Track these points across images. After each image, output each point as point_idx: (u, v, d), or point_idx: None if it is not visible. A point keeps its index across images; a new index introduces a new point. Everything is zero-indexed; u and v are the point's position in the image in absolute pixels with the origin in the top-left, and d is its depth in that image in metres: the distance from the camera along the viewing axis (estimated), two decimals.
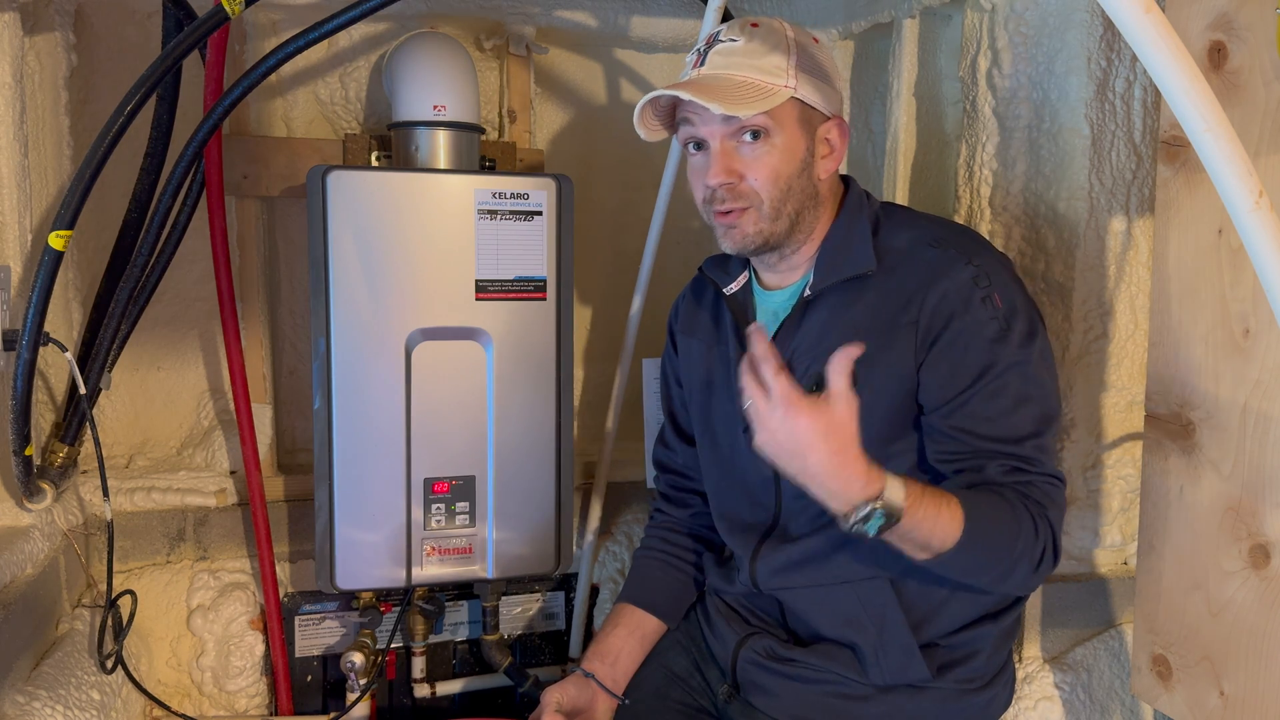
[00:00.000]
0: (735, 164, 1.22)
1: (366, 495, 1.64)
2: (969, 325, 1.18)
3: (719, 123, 1.21)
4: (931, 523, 1.07)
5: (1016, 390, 1.18)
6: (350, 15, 1.45)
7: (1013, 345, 1.18)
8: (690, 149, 1.27)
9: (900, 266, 1.24)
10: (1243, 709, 1.19)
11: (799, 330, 1.28)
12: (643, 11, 1.97)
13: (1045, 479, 1.18)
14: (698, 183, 1.27)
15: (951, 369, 1.19)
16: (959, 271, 1.20)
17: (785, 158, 1.23)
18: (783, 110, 1.22)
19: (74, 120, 1.75)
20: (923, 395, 1.22)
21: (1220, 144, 0.72)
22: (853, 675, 1.28)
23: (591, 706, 1.35)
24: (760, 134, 1.21)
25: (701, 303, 1.45)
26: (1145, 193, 1.56)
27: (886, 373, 1.22)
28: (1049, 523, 1.16)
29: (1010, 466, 1.18)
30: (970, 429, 1.18)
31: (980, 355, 1.18)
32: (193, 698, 1.84)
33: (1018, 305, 1.21)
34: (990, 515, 1.12)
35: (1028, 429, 1.18)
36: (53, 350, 1.50)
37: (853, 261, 1.26)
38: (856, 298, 1.25)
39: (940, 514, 1.08)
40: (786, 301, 1.32)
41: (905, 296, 1.22)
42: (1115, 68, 1.51)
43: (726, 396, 1.37)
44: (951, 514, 1.09)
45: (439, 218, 1.63)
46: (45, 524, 1.57)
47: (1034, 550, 1.15)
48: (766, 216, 1.23)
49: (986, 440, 1.18)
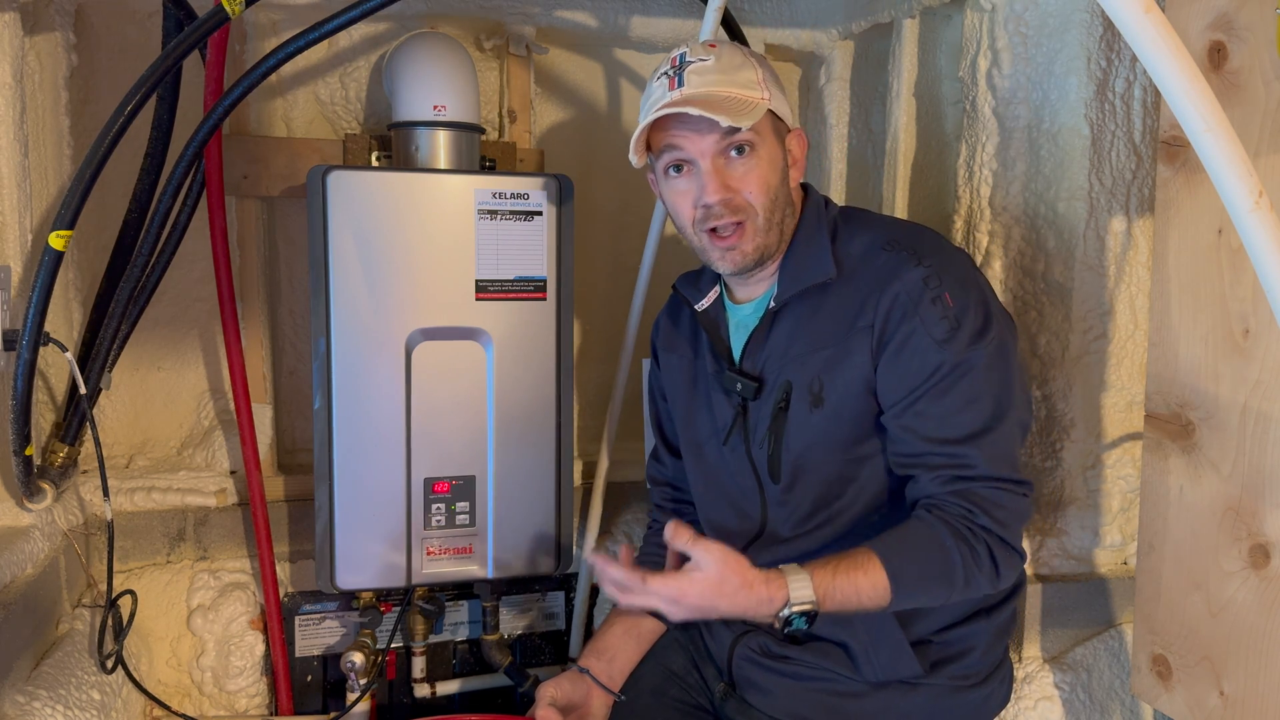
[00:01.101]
0: (728, 179, 1.23)
1: (366, 495, 1.64)
2: (918, 326, 1.19)
3: (710, 140, 1.22)
4: (853, 593, 1.14)
5: (965, 389, 1.19)
6: (350, 15, 1.45)
7: (961, 345, 1.18)
8: (671, 172, 1.27)
9: (857, 271, 1.26)
10: (1243, 709, 1.19)
11: (767, 341, 1.30)
12: (643, 11, 1.97)
13: (985, 483, 1.18)
14: (684, 204, 1.27)
15: (903, 370, 1.20)
16: (909, 272, 1.21)
17: (770, 168, 1.25)
18: (762, 123, 1.24)
19: (74, 120, 1.75)
20: (880, 398, 1.23)
21: (1220, 144, 0.72)
22: (846, 672, 1.28)
23: (587, 702, 1.36)
24: (745, 148, 1.23)
25: (678, 320, 1.48)
26: (1145, 193, 1.56)
27: (849, 377, 1.23)
28: (984, 530, 1.17)
29: (949, 474, 1.19)
30: (916, 429, 1.20)
31: (929, 356, 1.19)
32: (193, 698, 1.84)
33: (970, 303, 1.21)
34: (915, 554, 1.17)
35: (973, 427, 1.18)
36: (53, 350, 1.50)
37: (813, 270, 1.27)
38: (819, 305, 1.27)
39: (859, 583, 1.14)
40: (754, 314, 1.34)
41: (861, 301, 1.23)
42: (1115, 68, 1.51)
43: (706, 411, 1.39)
44: (872, 577, 1.14)
45: (439, 218, 1.63)
46: (45, 524, 1.57)
47: (977, 566, 1.17)
48: (761, 229, 1.25)
49: (930, 442, 1.19)
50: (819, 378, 1.25)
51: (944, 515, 1.18)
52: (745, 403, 1.32)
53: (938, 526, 1.17)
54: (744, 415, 1.33)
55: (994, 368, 1.20)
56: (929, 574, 1.16)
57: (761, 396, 1.30)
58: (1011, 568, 1.20)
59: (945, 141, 1.82)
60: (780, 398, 1.28)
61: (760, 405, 1.30)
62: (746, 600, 1.12)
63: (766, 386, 1.30)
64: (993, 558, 1.18)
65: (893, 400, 1.22)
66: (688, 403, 1.43)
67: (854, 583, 1.14)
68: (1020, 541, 1.22)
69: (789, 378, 1.27)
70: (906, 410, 1.20)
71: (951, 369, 1.18)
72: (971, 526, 1.17)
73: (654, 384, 1.56)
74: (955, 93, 1.78)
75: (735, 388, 1.32)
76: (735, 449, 1.34)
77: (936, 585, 1.17)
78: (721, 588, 1.11)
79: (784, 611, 1.12)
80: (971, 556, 1.16)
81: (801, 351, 1.27)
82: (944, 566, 1.16)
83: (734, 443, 1.34)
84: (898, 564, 1.15)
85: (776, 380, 1.28)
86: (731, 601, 1.11)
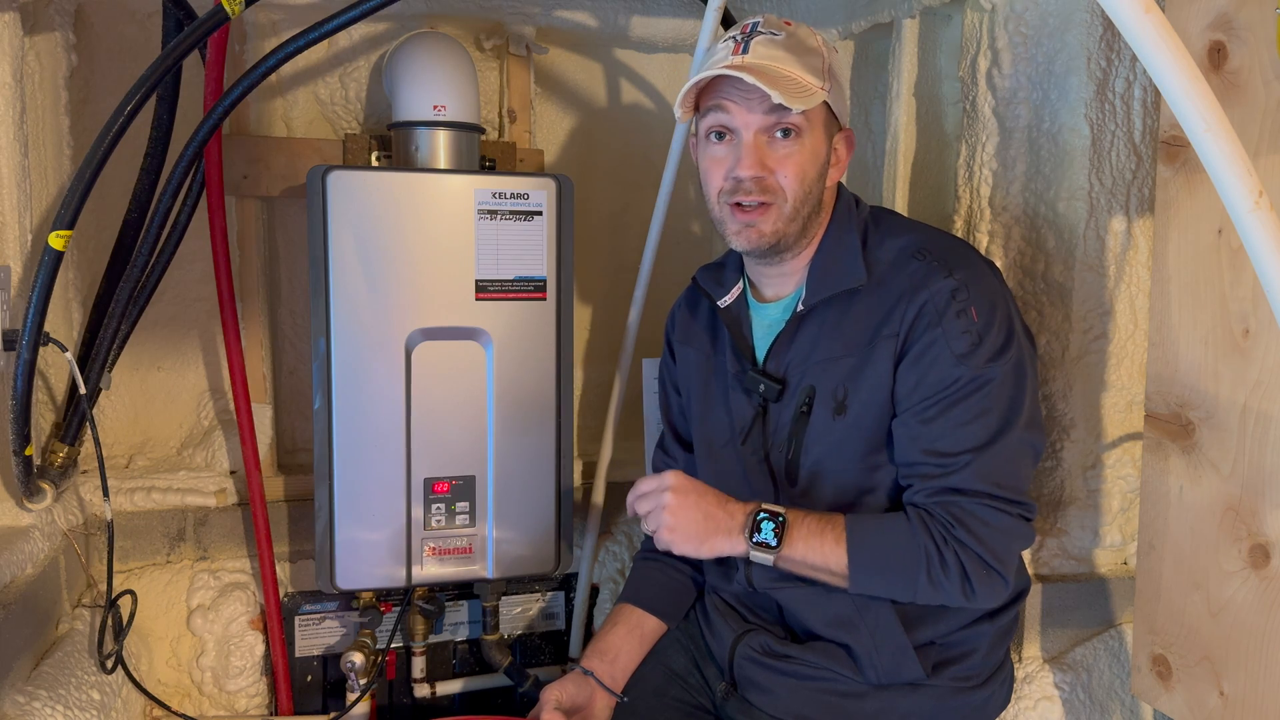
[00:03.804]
0: (766, 158, 1.22)
1: (366, 495, 1.64)
2: (940, 337, 1.19)
3: (758, 114, 1.21)
4: (819, 542, 1.19)
5: (973, 404, 1.18)
6: (350, 15, 1.45)
7: (979, 361, 1.18)
8: (711, 138, 1.26)
9: (887, 278, 1.25)
10: (1243, 709, 1.19)
11: (792, 344, 1.29)
12: (643, 11, 1.97)
13: (975, 498, 1.18)
14: (717, 172, 1.25)
15: (919, 378, 1.20)
16: (939, 283, 1.20)
17: (811, 159, 1.23)
18: (815, 112, 1.23)
19: (74, 120, 1.75)
20: (894, 398, 1.23)
21: (1220, 144, 0.72)
22: (848, 672, 1.28)
23: (590, 704, 1.36)
24: (791, 132, 1.22)
25: (696, 313, 1.46)
26: (1145, 193, 1.56)
27: (872, 386, 1.23)
28: (960, 543, 1.16)
29: (939, 486, 1.19)
30: (917, 436, 1.20)
31: (946, 370, 1.18)
32: (193, 698, 1.84)
33: (995, 320, 1.20)
34: (880, 535, 1.20)
35: (974, 442, 1.18)
36: (53, 350, 1.50)
37: (844, 275, 1.26)
38: (846, 310, 1.26)
39: (824, 533, 1.20)
40: (780, 315, 1.33)
41: (888, 308, 1.23)
42: (1115, 68, 1.51)
43: (722, 406, 1.38)
44: (836, 532, 1.20)
45: (439, 218, 1.63)
46: (45, 524, 1.57)
47: (946, 574, 1.17)
48: (785, 216, 1.24)
49: (928, 453, 1.19)
50: (844, 385, 1.24)
51: (925, 519, 1.18)
52: (766, 404, 1.31)
53: (914, 524, 1.18)
54: (764, 417, 1.32)
55: (1006, 385, 1.19)
56: (890, 562, 1.18)
57: (783, 399, 1.29)
58: (988, 587, 1.18)
59: (945, 141, 1.82)
60: (803, 401, 1.27)
61: (781, 408, 1.30)
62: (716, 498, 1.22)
63: (789, 389, 1.29)
64: (964, 572, 1.17)
65: (904, 405, 1.21)
66: (703, 399, 1.42)
67: (820, 533, 1.20)
68: (1006, 563, 1.19)
69: (812, 382, 1.26)
70: (914, 418, 1.20)
71: (965, 385, 1.18)
72: (947, 537, 1.17)
73: (666, 376, 1.54)
74: (955, 93, 1.78)
75: (758, 388, 1.31)
76: (753, 450, 1.33)
77: (896, 576, 1.19)
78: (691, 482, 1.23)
79: (754, 516, 1.19)
80: (940, 563, 1.16)
81: (826, 357, 1.26)
82: (907, 561, 1.17)
83: (753, 444, 1.33)
84: (862, 537, 1.19)
85: (799, 384, 1.28)
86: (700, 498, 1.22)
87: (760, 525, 1.19)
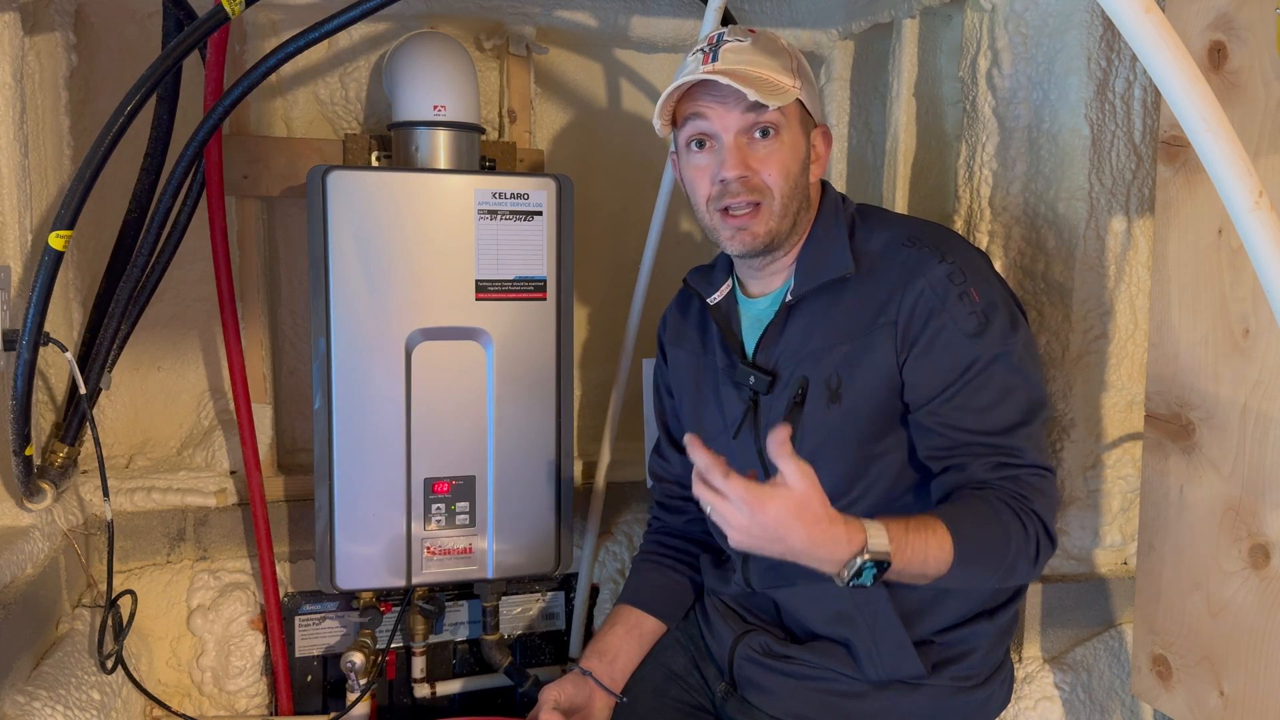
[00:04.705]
0: (749, 159, 1.23)
1: (367, 495, 1.64)
2: (948, 322, 1.19)
3: (736, 115, 1.22)
4: (923, 554, 1.08)
5: (1001, 382, 1.19)
6: (350, 15, 1.45)
7: (994, 338, 1.19)
8: (692, 147, 1.27)
9: (877, 267, 1.26)
10: (1243, 709, 1.19)
11: (782, 336, 1.30)
12: (643, 11, 1.97)
13: (1031, 470, 1.19)
14: (702, 180, 1.27)
15: (934, 366, 1.20)
16: (934, 269, 1.21)
17: (792, 155, 1.25)
18: (790, 109, 1.24)
19: (74, 120, 1.75)
20: (908, 394, 1.23)
21: (1220, 144, 0.72)
22: (848, 672, 1.28)
23: (589, 704, 1.36)
24: (770, 131, 1.23)
25: (687, 314, 1.47)
26: (1145, 193, 1.56)
27: (869, 374, 1.23)
28: (1036, 515, 1.17)
29: (996, 461, 1.19)
30: (957, 423, 1.19)
31: (962, 351, 1.19)
32: (193, 698, 1.84)
33: (996, 298, 1.22)
34: (978, 525, 1.14)
35: (1013, 419, 1.19)
36: (53, 350, 1.50)
37: (831, 265, 1.27)
38: (836, 300, 1.27)
39: (929, 542, 1.09)
40: (769, 308, 1.34)
41: (883, 297, 1.23)
42: (1115, 68, 1.51)
43: (715, 405, 1.38)
44: (940, 539, 1.10)
45: (439, 218, 1.63)
46: (45, 524, 1.57)
47: (1028, 547, 1.16)
48: (775, 214, 1.25)
49: (973, 434, 1.19)
50: (837, 374, 1.24)
51: (1000, 494, 1.16)
52: (756, 397, 1.32)
53: (996, 503, 1.15)
54: (755, 410, 1.32)
55: (1025, 360, 1.22)
56: (988, 548, 1.14)
57: (774, 391, 1.30)
58: (1046, 557, 1.20)
59: (945, 141, 1.82)
60: (795, 392, 1.27)
61: (773, 400, 1.30)
62: (823, 535, 1.02)
63: (780, 381, 1.29)
64: (1038, 543, 1.17)
65: (927, 396, 1.21)
66: (695, 397, 1.43)
67: (924, 542, 1.08)
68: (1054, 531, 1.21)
69: (805, 373, 1.27)
70: (944, 405, 1.20)
71: (988, 363, 1.19)
72: (1025, 510, 1.16)
73: (659, 379, 1.55)
74: (955, 93, 1.78)
75: (748, 381, 1.31)
76: (745, 443, 1.33)
77: (992, 561, 1.14)
78: (803, 512, 1.01)
79: (858, 559, 1.03)
80: (1024, 537, 1.15)
81: (818, 347, 1.26)
82: (1002, 543, 1.14)
83: (744, 437, 1.33)
84: (963, 531, 1.11)
85: (791, 375, 1.28)
86: (807, 533, 1.02)
87: (862, 571, 1.05)
